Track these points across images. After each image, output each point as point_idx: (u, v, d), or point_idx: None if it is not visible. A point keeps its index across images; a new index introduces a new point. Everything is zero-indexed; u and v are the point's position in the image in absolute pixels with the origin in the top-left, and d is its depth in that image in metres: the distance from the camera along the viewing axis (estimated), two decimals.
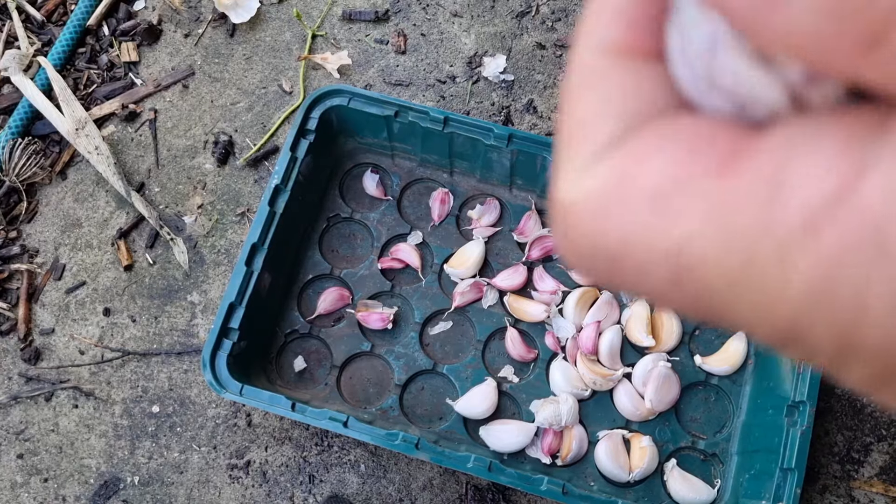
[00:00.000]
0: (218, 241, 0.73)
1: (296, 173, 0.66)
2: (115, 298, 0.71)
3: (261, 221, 0.64)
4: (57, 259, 0.73)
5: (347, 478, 0.65)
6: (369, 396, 0.66)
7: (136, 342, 0.70)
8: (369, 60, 0.79)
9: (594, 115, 0.12)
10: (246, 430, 0.67)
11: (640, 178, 0.11)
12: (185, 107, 0.78)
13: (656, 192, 0.11)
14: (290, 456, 0.66)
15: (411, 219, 0.72)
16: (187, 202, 0.75)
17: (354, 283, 0.69)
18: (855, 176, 0.09)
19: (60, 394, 0.68)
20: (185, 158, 0.76)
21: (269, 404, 0.59)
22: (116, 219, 0.74)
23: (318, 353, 0.68)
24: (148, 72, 0.80)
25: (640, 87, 0.12)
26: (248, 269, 0.63)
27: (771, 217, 0.10)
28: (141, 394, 0.68)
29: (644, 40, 0.12)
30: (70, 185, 0.76)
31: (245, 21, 0.80)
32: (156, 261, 0.73)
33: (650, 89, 0.12)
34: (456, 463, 0.57)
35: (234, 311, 0.62)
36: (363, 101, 0.68)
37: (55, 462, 0.66)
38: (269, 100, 0.78)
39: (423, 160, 0.72)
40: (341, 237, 0.72)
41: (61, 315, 0.71)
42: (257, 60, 0.80)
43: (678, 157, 0.11)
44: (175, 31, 0.82)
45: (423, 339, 0.68)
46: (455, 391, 0.66)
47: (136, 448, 0.67)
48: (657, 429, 0.64)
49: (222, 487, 0.65)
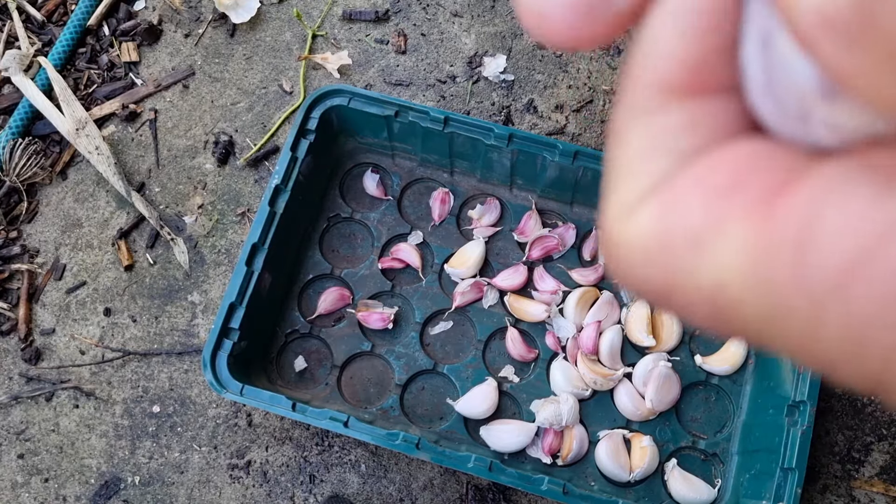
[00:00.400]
0: (218, 241, 0.73)
1: (296, 173, 0.66)
2: (116, 298, 0.71)
3: (261, 221, 0.64)
4: (57, 259, 0.73)
5: (348, 478, 0.65)
6: (370, 396, 0.66)
7: (137, 342, 0.70)
8: (369, 60, 0.79)
9: (643, 152, 0.12)
10: (246, 430, 0.67)
11: (682, 219, 0.12)
12: (185, 107, 0.78)
13: (696, 234, 0.11)
14: (291, 456, 0.66)
15: (412, 219, 0.72)
16: (188, 202, 0.75)
17: (355, 282, 0.69)
18: (887, 230, 0.09)
19: (61, 394, 0.68)
20: (186, 158, 0.76)
21: (269, 404, 0.59)
22: (117, 219, 0.74)
23: (319, 353, 0.68)
24: (148, 72, 0.80)
25: (693, 123, 0.12)
26: (248, 269, 0.63)
27: (803, 269, 0.10)
28: (141, 394, 0.68)
29: (698, 78, 0.12)
30: (70, 185, 0.76)
31: (245, 21, 0.80)
32: (156, 261, 0.72)
33: (703, 125, 0.12)
34: (456, 463, 0.57)
35: (235, 311, 0.62)
36: (363, 100, 0.68)
37: (56, 462, 0.66)
38: (269, 100, 0.78)
39: (423, 160, 0.72)
40: (342, 237, 0.72)
41: (62, 315, 0.71)
42: (257, 60, 0.80)
43: (719, 192, 0.11)
44: (175, 31, 0.82)
45: (423, 339, 0.68)
46: (455, 391, 0.66)
47: (136, 448, 0.67)
48: (658, 429, 0.64)
49: (223, 487, 0.65)
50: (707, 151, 0.12)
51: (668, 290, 0.12)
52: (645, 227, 0.12)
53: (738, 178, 0.11)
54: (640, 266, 0.12)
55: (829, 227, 0.10)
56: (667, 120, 0.12)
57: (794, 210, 0.10)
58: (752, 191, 0.11)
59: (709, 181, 0.12)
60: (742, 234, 0.11)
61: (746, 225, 0.11)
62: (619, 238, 0.12)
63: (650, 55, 0.12)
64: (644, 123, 0.13)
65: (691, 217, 0.11)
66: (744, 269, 0.11)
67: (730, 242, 0.11)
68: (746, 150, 0.12)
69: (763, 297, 0.11)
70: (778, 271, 0.10)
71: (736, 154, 0.12)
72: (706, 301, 0.11)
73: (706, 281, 0.11)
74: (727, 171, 0.11)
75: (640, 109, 0.13)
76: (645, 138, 0.12)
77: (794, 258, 0.10)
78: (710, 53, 0.12)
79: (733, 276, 0.11)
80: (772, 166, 0.11)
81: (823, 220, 0.10)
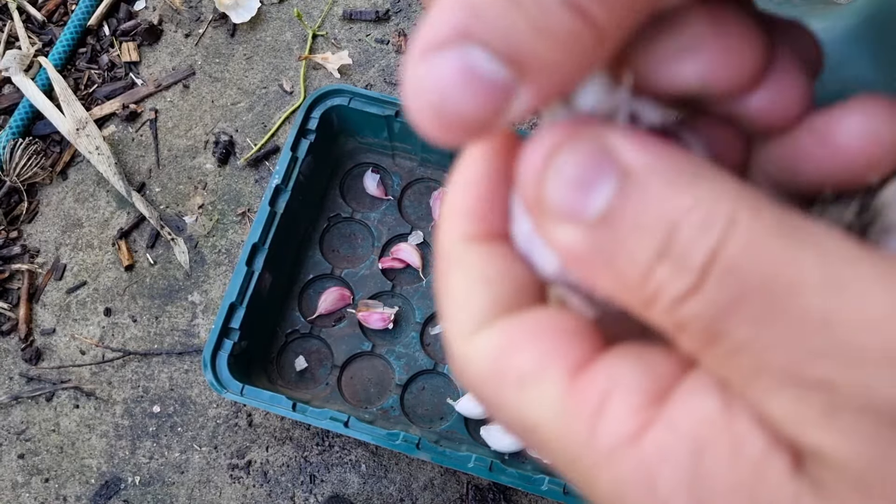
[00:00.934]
0: (219, 241, 0.73)
1: (296, 173, 0.66)
2: (116, 298, 0.71)
3: (261, 221, 0.64)
4: (58, 259, 0.73)
5: (348, 478, 0.65)
6: (370, 396, 0.66)
7: (137, 342, 0.70)
8: (370, 60, 0.79)
9: (466, 294, 0.15)
10: (247, 430, 0.67)
11: (513, 360, 0.14)
12: (185, 107, 0.78)
13: (523, 377, 0.14)
14: (291, 456, 0.66)
15: (412, 218, 0.72)
16: (188, 202, 0.75)
17: (355, 282, 0.69)
18: (646, 424, 0.13)
19: (61, 394, 0.68)
20: (186, 158, 0.76)
21: (269, 404, 0.59)
22: (117, 219, 0.74)
23: (319, 352, 0.68)
24: (149, 72, 0.80)
25: (496, 265, 0.15)
26: (248, 268, 0.63)
27: (592, 435, 0.13)
28: (142, 394, 0.68)
29: (490, 227, 0.15)
30: (71, 185, 0.76)
31: (245, 21, 0.80)
32: (157, 261, 0.72)
33: (504, 266, 0.15)
34: (457, 463, 0.57)
35: (235, 311, 0.62)
36: (364, 100, 0.68)
37: (56, 462, 0.66)
38: (269, 100, 0.78)
39: (423, 160, 0.72)
40: (342, 237, 0.72)
41: (62, 315, 0.71)
42: (258, 60, 0.80)
43: (543, 350, 0.14)
44: (176, 31, 0.82)
45: (423, 339, 0.67)
46: (456, 391, 0.66)
47: (136, 448, 0.67)
48: None
49: (223, 487, 0.65)
50: (520, 292, 0.15)
51: (496, 407, 0.14)
52: (482, 354, 0.15)
53: (560, 338, 0.14)
54: (477, 381, 0.15)
55: (614, 409, 0.13)
56: (475, 265, 0.15)
57: (594, 386, 0.13)
58: (569, 355, 0.14)
59: (538, 332, 0.14)
60: (555, 390, 0.14)
61: (560, 384, 0.14)
62: (460, 354, 0.15)
63: (451, 208, 0.16)
64: (458, 269, 0.15)
65: (521, 362, 0.14)
66: (553, 417, 0.14)
67: (545, 394, 0.14)
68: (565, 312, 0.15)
69: (563, 445, 0.14)
70: (577, 427, 0.13)
71: (556, 313, 0.15)
72: (524, 431, 0.14)
73: (525, 414, 0.14)
74: (553, 329, 0.14)
75: (453, 257, 0.15)
76: (463, 282, 0.15)
77: (588, 422, 0.13)
78: (497, 206, 0.16)
79: (544, 420, 0.14)
80: (586, 331, 0.14)
81: (611, 402, 0.13)
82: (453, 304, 0.15)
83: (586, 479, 0.13)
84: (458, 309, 0.15)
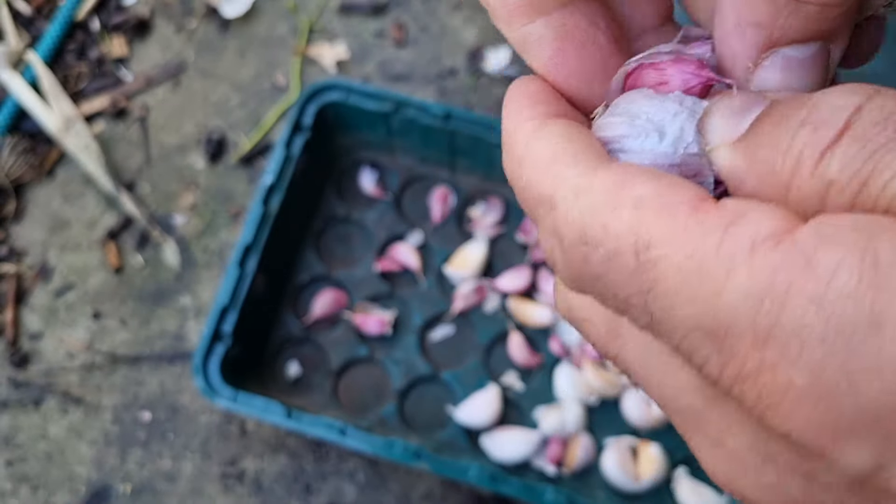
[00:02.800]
0: (210, 241, 0.71)
1: (291, 171, 0.65)
2: (105, 301, 0.70)
3: (254, 221, 0.63)
4: (45, 261, 0.71)
5: (345, 488, 0.64)
6: (367, 404, 0.65)
7: (127, 346, 0.68)
8: (367, 54, 0.78)
9: (566, 143, 0.16)
10: (240, 437, 0.65)
11: (634, 188, 0.15)
12: (176, 103, 0.77)
13: (641, 200, 0.15)
14: (286, 465, 0.64)
15: (411, 218, 0.70)
16: (178, 201, 0.73)
17: (351, 285, 0.68)
18: (791, 228, 0.13)
19: (50, 400, 0.67)
20: (177, 156, 0.74)
21: (263, 412, 0.57)
22: (106, 219, 0.72)
23: (314, 358, 0.66)
24: (139, 67, 0.78)
25: (580, 128, 0.17)
26: (241, 270, 0.62)
27: (724, 241, 0.13)
28: (132, 400, 0.67)
29: (563, 110, 0.18)
30: (58, 184, 0.74)
31: (239, 14, 0.78)
32: (146, 262, 0.71)
33: (586, 130, 0.17)
34: (457, 473, 0.56)
35: (227, 315, 0.61)
36: (361, 96, 0.66)
37: (44, 470, 0.65)
38: (263, 95, 0.76)
39: (423, 157, 0.70)
40: (338, 238, 0.70)
41: (50, 318, 0.69)
42: (251, 55, 0.78)
43: (663, 184, 0.15)
44: (166, 24, 0.80)
45: (422, 344, 0.66)
46: (456, 398, 0.64)
47: (126, 456, 0.65)
48: (666, 436, 0.63)
49: (215, 497, 0.64)
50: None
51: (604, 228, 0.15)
52: (602, 184, 0.15)
53: (675, 179, 0.15)
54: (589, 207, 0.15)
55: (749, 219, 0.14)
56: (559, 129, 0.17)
57: (724, 209, 0.14)
58: (688, 192, 0.15)
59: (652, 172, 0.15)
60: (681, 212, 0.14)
61: (685, 207, 0.14)
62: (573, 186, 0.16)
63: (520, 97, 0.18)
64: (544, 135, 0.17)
65: (643, 187, 0.15)
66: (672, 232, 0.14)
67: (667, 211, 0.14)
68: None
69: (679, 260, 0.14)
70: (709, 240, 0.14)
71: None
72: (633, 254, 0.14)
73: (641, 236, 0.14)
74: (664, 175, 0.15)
75: (532, 132, 0.17)
76: (556, 138, 0.17)
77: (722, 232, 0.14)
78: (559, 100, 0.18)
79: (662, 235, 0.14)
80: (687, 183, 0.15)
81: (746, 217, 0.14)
82: (544, 166, 0.16)
83: (712, 287, 0.13)
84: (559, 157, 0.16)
